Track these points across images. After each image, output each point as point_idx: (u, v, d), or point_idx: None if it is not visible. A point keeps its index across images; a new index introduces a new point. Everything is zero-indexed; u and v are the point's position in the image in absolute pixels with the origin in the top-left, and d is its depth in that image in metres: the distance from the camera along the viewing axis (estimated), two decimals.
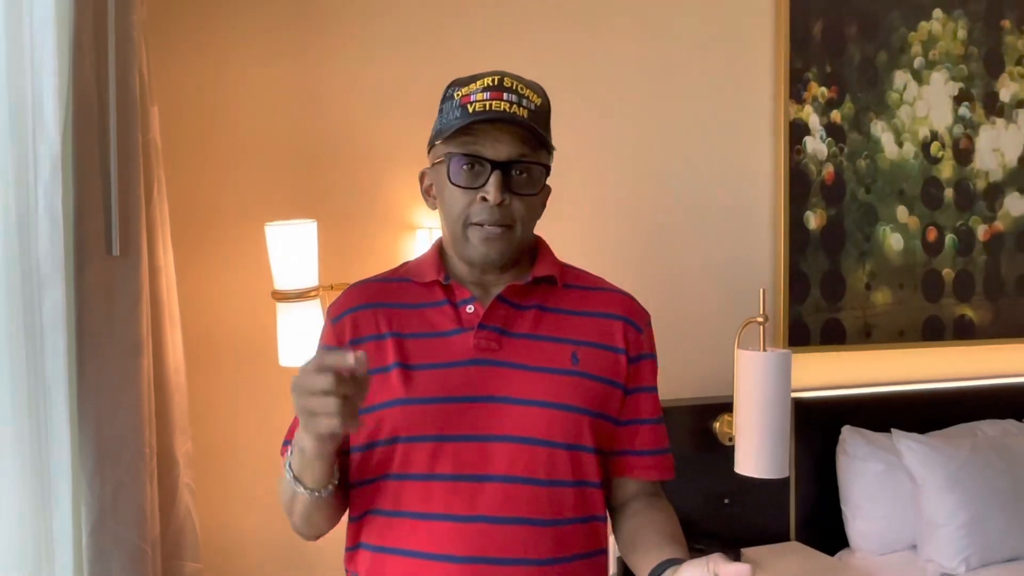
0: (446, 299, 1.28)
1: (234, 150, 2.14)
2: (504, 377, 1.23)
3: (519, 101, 1.21)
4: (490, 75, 1.24)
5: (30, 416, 1.48)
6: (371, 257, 2.22)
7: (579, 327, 1.28)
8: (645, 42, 2.55)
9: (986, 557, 2.40)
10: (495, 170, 1.20)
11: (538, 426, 1.21)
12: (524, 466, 1.20)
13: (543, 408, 1.22)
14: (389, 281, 1.35)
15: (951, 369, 2.91)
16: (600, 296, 1.33)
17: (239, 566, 2.13)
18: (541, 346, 1.25)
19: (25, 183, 1.47)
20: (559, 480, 1.22)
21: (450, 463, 1.20)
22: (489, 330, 1.25)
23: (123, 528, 1.57)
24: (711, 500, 2.43)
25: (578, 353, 1.26)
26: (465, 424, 1.21)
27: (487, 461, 1.20)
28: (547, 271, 1.30)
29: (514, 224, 1.23)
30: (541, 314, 1.28)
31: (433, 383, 1.22)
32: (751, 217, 2.68)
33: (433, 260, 1.31)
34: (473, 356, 1.24)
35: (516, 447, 1.20)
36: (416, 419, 1.21)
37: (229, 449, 2.12)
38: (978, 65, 2.94)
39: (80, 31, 1.52)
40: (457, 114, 1.22)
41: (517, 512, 1.19)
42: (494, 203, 1.20)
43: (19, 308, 1.46)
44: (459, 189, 1.22)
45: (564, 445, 1.22)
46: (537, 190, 1.25)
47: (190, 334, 1.95)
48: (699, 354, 2.57)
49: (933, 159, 2.88)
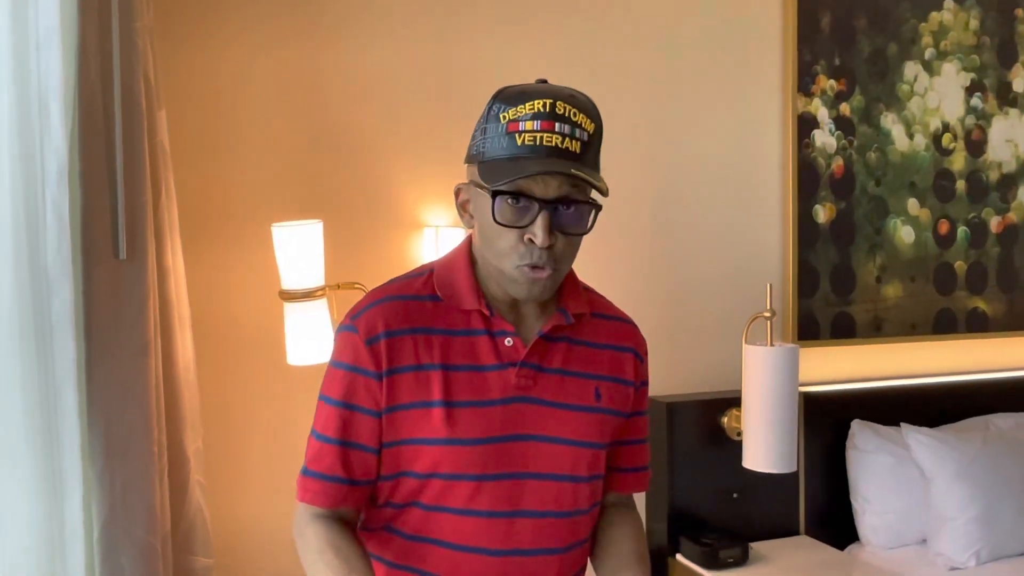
0: (485, 329, 1.24)
1: (241, 151, 2.16)
2: (538, 414, 1.24)
3: (572, 132, 1.13)
4: (541, 97, 1.14)
5: (41, 415, 1.52)
6: (377, 256, 2.25)
7: (600, 361, 1.30)
8: (653, 35, 2.54)
9: (997, 551, 2.39)
10: (543, 210, 1.13)
11: (565, 463, 1.25)
12: (553, 501, 1.25)
13: (570, 446, 1.25)
14: (421, 300, 1.25)
15: (964, 362, 2.89)
16: (613, 327, 1.34)
17: (250, 561, 2.17)
18: (570, 382, 1.27)
19: (33, 189, 1.50)
20: (578, 511, 1.28)
21: (487, 500, 1.22)
22: (529, 368, 1.24)
23: (133, 524, 1.61)
24: (720, 495, 2.44)
25: (600, 388, 1.29)
26: (503, 463, 1.22)
27: (520, 497, 1.23)
28: (581, 308, 1.30)
29: (559, 264, 1.19)
30: (570, 347, 1.28)
31: (477, 424, 1.21)
32: (759, 211, 2.68)
33: (470, 284, 1.25)
34: (513, 394, 1.23)
35: (547, 484, 1.24)
36: (458, 459, 1.20)
37: (239, 446, 2.16)
38: (990, 55, 2.91)
39: (85, 38, 1.55)
40: (504, 144, 1.14)
41: (544, 544, 1.25)
42: (542, 246, 1.14)
43: (29, 310, 1.50)
44: (504, 227, 1.15)
45: (586, 479, 1.28)
46: (585, 229, 1.18)
47: (200, 334, 1.99)
48: (707, 349, 2.57)
49: (945, 151, 2.86)
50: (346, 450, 1.22)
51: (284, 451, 2.14)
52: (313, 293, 1.99)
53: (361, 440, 1.22)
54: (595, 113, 1.19)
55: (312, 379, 1.98)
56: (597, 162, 1.21)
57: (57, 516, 1.54)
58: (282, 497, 2.13)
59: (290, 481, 1.54)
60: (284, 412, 2.17)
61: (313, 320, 2.00)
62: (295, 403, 2.16)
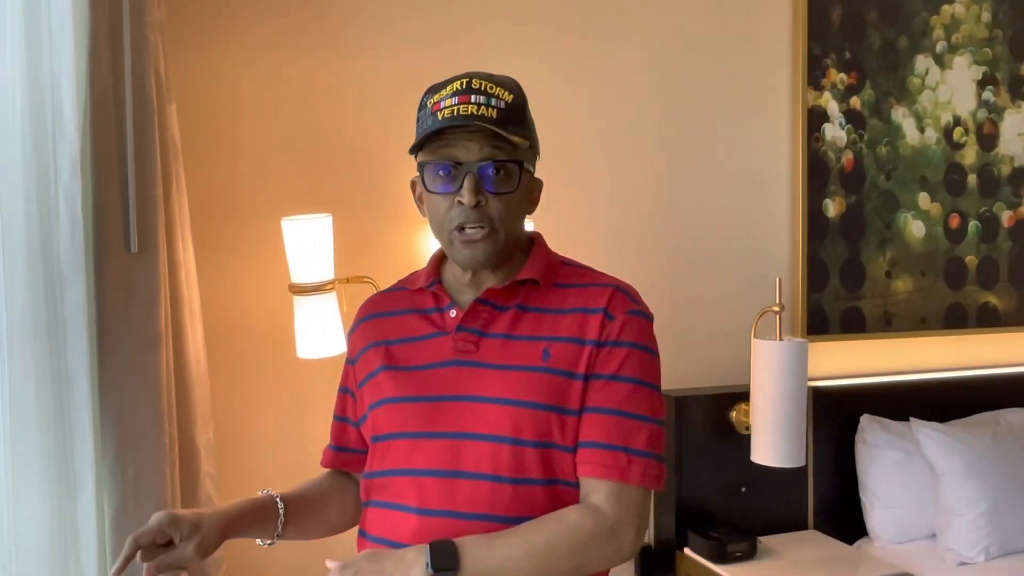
0: (434, 306, 1.34)
1: (251, 146, 2.17)
2: (478, 377, 1.26)
3: (488, 101, 1.22)
4: (459, 78, 1.26)
5: (54, 407, 1.53)
6: (386, 251, 2.26)
7: (556, 324, 1.28)
8: (662, 29, 2.54)
9: (1006, 546, 2.38)
10: (468, 173, 1.22)
11: (504, 424, 1.23)
12: (491, 463, 1.22)
13: (510, 406, 1.23)
14: (393, 291, 1.44)
15: (974, 357, 2.88)
16: (587, 292, 1.31)
17: (260, 553, 2.18)
18: (515, 345, 1.27)
19: (46, 183, 1.52)
20: (527, 478, 1.23)
21: (423, 459, 1.25)
22: (468, 332, 1.29)
23: (144, 515, 1.60)
24: (728, 489, 2.44)
25: (550, 349, 1.26)
26: (439, 422, 1.25)
27: (457, 458, 1.23)
28: (530, 274, 1.31)
29: (495, 224, 1.24)
30: (520, 314, 1.30)
31: (412, 384, 1.29)
32: (769, 205, 2.67)
33: (428, 267, 1.38)
34: (452, 357, 1.28)
35: (484, 445, 1.23)
36: (396, 417, 1.29)
37: (249, 439, 2.17)
38: (1003, 48, 2.89)
39: (96, 34, 1.57)
40: (429, 122, 1.24)
41: (483, 509, 1.22)
42: (469, 205, 1.22)
43: (41, 304, 1.51)
44: (438, 196, 1.25)
45: (533, 443, 1.23)
46: (514, 188, 1.25)
47: (210, 327, 2.00)
48: (716, 343, 2.57)
49: (956, 145, 2.84)
50: (341, 424, 1.45)
51: (294, 443, 2.16)
52: (323, 287, 2.00)
53: (348, 415, 1.43)
54: (516, 88, 1.29)
55: (321, 372, 2.01)
56: (523, 129, 1.27)
57: (69, 507, 1.56)
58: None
59: (300, 472, 1.56)
60: (294, 405, 2.18)
61: (322, 314, 2.01)
62: (304, 396, 2.17)
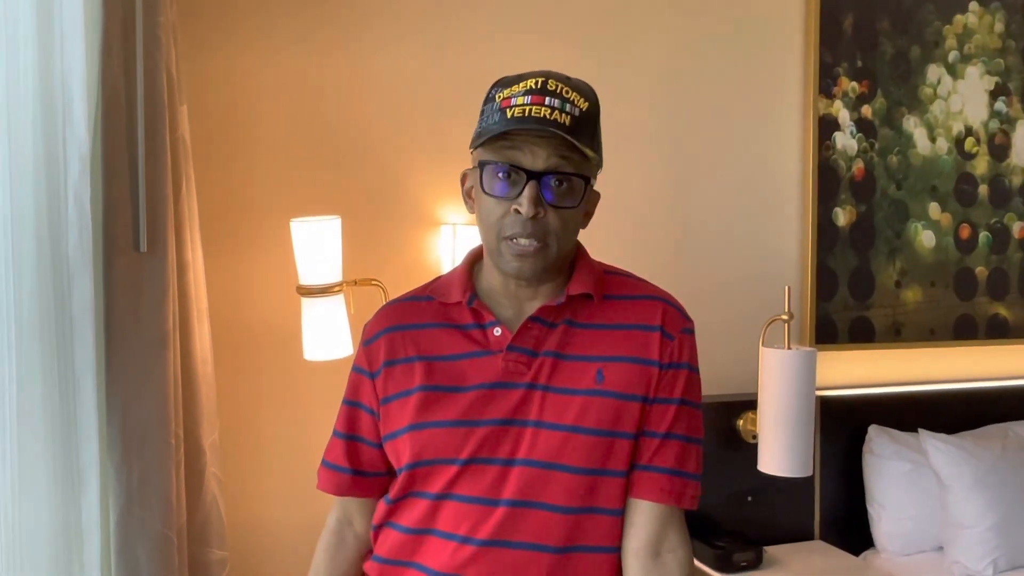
0: (474, 322, 1.25)
1: (260, 147, 2.17)
2: (529, 400, 1.19)
3: (562, 106, 1.14)
4: (534, 76, 1.17)
5: (60, 406, 1.53)
6: (395, 253, 2.25)
7: (609, 342, 1.22)
8: (673, 36, 2.54)
9: (1015, 560, 2.36)
10: (530, 180, 1.14)
11: (560, 452, 1.17)
12: (544, 491, 1.17)
13: (565, 433, 1.18)
14: (417, 300, 1.31)
15: (984, 368, 2.86)
16: (639, 306, 1.26)
17: (265, 554, 2.18)
18: (567, 366, 1.21)
19: (55, 181, 1.52)
20: (585, 508, 1.19)
21: (467, 486, 1.19)
22: (519, 352, 1.21)
23: (149, 515, 1.62)
24: (734, 498, 2.43)
25: (604, 370, 1.20)
26: (489, 448, 1.19)
27: (505, 486, 1.17)
28: (583, 288, 1.23)
29: (548, 239, 1.17)
30: (570, 330, 1.23)
31: (458, 406, 1.20)
32: (779, 213, 2.66)
33: (460, 278, 1.28)
34: (500, 379, 1.20)
35: (537, 472, 1.17)
36: (440, 442, 1.20)
37: (255, 440, 2.17)
38: (1016, 58, 2.88)
39: (108, 33, 1.57)
40: (496, 118, 1.15)
41: (531, 539, 1.17)
42: (527, 216, 1.14)
43: (49, 302, 1.51)
44: (493, 199, 1.17)
45: (589, 470, 1.18)
46: (576, 203, 1.18)
47: (218, 327, 2.00)
48: (724, 351, 2.55)
49: (967, 155, 2.83)
50: (351, 443, 1.32)
51: (299, 445, 2.15)
52: (330, 289, 1.99)
53: (363, 434, 1.31)
54: (591, 94, 1.20)
55: (328, 375, 2.00)
56: (592, 141, 1.19)
57: (74, 506, 1.56)
58: (297, 490, 2.15)
59: (305, 475, 1.56)
60: (300, 407, 2.18)
61: (330, 316, 2.00)
62: (311, 398, 2.17)
